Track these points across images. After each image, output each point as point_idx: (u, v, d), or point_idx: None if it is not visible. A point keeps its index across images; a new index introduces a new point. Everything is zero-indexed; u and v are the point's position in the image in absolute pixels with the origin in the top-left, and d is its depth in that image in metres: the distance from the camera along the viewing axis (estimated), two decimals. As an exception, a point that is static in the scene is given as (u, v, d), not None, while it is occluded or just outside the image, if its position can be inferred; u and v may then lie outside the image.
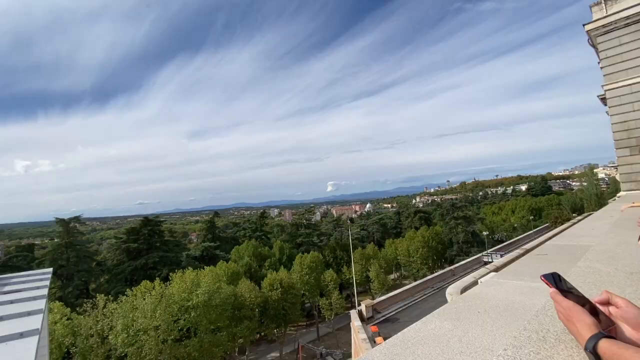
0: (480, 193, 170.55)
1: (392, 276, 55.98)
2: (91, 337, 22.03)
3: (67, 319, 22.73)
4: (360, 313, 22.07)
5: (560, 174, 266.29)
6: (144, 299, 23.55)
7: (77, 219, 41.99)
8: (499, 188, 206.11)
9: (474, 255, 42.24)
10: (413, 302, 26.00)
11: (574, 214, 39.97)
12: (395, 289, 33.89)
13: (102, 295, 25.08)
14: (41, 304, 4.95)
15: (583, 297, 0.98)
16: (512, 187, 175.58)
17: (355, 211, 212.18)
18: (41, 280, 7.29)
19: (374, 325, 20.76)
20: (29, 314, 4.33)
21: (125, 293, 24.90)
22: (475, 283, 6.49)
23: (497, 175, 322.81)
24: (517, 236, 55.43)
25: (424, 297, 27.22)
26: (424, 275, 42.87)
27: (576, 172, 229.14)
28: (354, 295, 36.76)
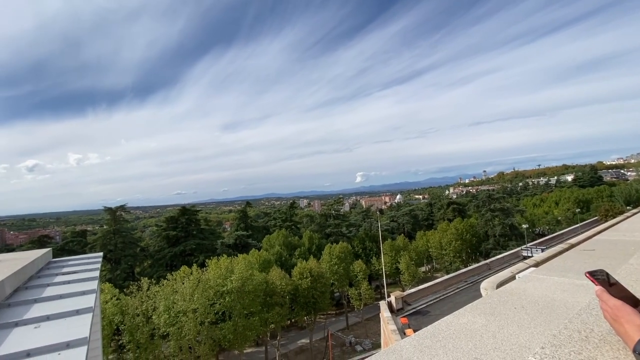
0: (520, 184, 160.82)
1: (423, 269, 54.97)
2: (137, 316, 23.88)
3: (116, 299, 24.77)
4: (389, 304, 21.96)
5: (613, 163, 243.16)
6: (183, 283, 25.15)
7: (122, 207, 45.26)
8: (541, 178, 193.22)
9: (511, 249, 40.20)
10: (445, 296, 25.39)
11: (627, 207, 36.49)
12: (426, 281, 33.26)
13: (146, 278, 27.05)
14: (94, 284, 5.41)
15: (633, 296, 0.90)
16: (556, 178, 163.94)
17: (385, 202, 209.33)
18: (93, 263, 7.97)
19: (403, 317, 20.59)
20: (83, 293, 4.74)
21: (166, 277, 26.70)
22: (512, 278, 6.20)
23: (539, 165, 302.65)
24: (560, 230, 51.87)
25: (457, 290, 26.46)
26: (457, 269, 41.63)
27: (632, 161, 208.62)
28: (383, 287, 36.58)
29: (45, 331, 3.21)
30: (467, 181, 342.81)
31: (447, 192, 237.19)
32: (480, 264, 33.17)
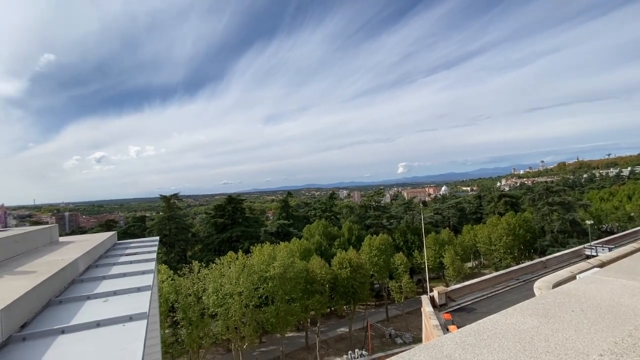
0: (585, 175, 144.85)
1: (469, 264, 52.41)
2: (189, 296, 25.96)
3: (171, 280, 27.10)
4: (432, 299, 21.34)
5: None
6: (230, 268, 26.74)
7: (175, 196, 48.95)
8: (611, 169, 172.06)
9: (572, 247, 36.60)
10: (493, 294, 24.00)
11: None
12: (473, 277, 31.71)
13: (197, 262, 29.18)
14: (152, 265, 5.97)
15: None
16: (629, 169, 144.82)
17: (429, 194, 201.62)
18: (151, 246, 8.77)
19: (447, 312, 19.91)
20: (143, 272, 5.25)
21: (215, 261, 28.54)
22: (572, 278, 5.66)
23: (609, 155, 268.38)
24: (633, 228, 45.99)
25: (507, 289, 24.86)
26: (508, 266, 39.03)
27: None
28: (425, 281, 35.59)
29: (112, 304, 3.62)
30: (521, 172, 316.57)
31: (498, 183, 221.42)
32: (534, 261, 30.72)
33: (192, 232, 47.92)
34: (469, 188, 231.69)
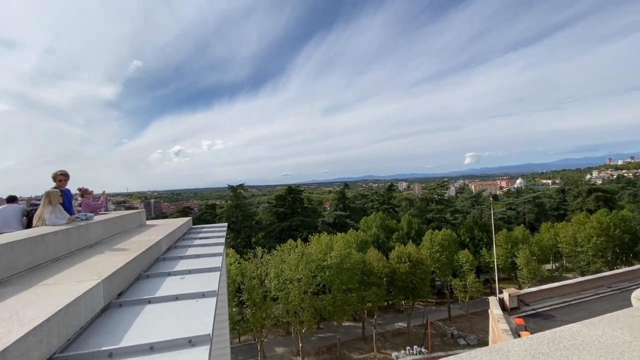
0: None
1: (547, 266, 46.78)
2: (253, 279, 27.92)
3: (238, 263, 29.40)
4: (501, 301, 19.59)
5: None
6: (289, 255, 28.02)
7: (241, 186, 52.59)
8: None
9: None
10: (578, 301, 21.07)
11: None
12: (552, 281, 28.24)
13: (260, 247, 31.15)
14: (221, 248, 6.55)
15: None
16: None
17: (501, 187, 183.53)
18: (220, 231, 9.61)
19: (518, 317, 18.14)
20: (213, 255, 5.79)
21: (276, 248, 30.17)
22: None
23: None
24: None
25: (595, 297, 21.60)
26: (598, 270, 33.93)
27: None
28: (493, 281, 32.78)
29: (188, 282, 4.08)
30: (619, 163, 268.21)
31: (588, 176, 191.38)
32: (633, 267, 26.10)
33: (256, 219, 51.08)
34: (549, 181, 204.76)
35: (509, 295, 20.08)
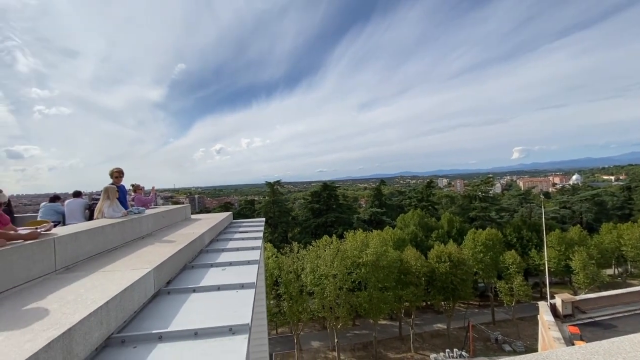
0: None
1: (609, 271, 42.38)
2: (290, 273, 28.54)
3: (275, 257, 30.21)
4: (553, 307, 18.12)
5: None
6: (325, 251, 28.21)
7: (278, 182, 53.82)
8: None
9: None
10: (645, 311, 18.85)
11: None
12: (615, 288, 25.55)
13: (296, 243, 31.73)
14: (259, 242, 6.76)
15: None
16: None
17: (554, 184, 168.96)
18: (259, 226, 9.93)
19: (573, 325, 16.66)
20: (252, 248, 5.99)
21: (311, 243, 30.53)
22: None
23: None
24: None
25: (668, 308, 19.16)
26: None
27: None
28: (544, 285, 30.42)
29: (228, 273, 4.26)
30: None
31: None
32: None
33: (292, 215, 52.06)
34: (612, 177, 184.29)
35: (562, 301, 18.51)
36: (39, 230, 3.31)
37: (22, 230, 3.25)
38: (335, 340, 28.79)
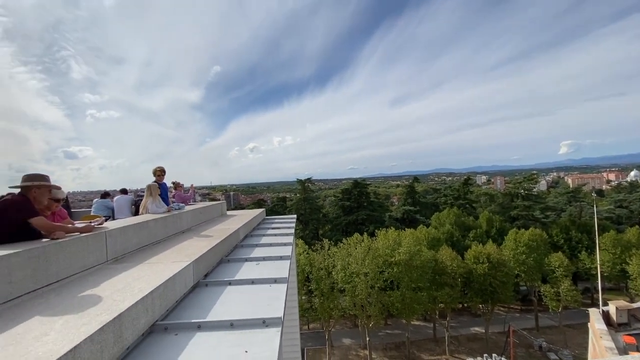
0: None
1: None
2: (321, 269, 28.73)
3: (306, 253, 30.55)
4: (605, 315, 16.63)
5: None
6: (356, 248, 28.05)
7: (309, 180, 54.30)
8: None
9: None
10: None
11: None
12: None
13: (327, 240, 31.84)
14: (291, 238, 6.89)
15: None
16: None
17: (608, 181, 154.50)
18: (290, 222, 10.10)
19: (628, 334, 15.18)
20: (284, 244, 6.11)
21: (342, 241, 30.47)
22: None
23: None
24: None
25: None
26: None
27: None
28: (596, 291, 27.97)
29: (262, 268, 4.38)
30: None
31: None
32: None
33: (323, 212, 52.32)
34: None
35: (617, 308, 16.92)
36: (92, 224, 3.62)
37: (78, 224, 3.58)
38: (367, 339, 28.61)
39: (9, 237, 2.77)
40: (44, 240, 2.89)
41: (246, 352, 2.15)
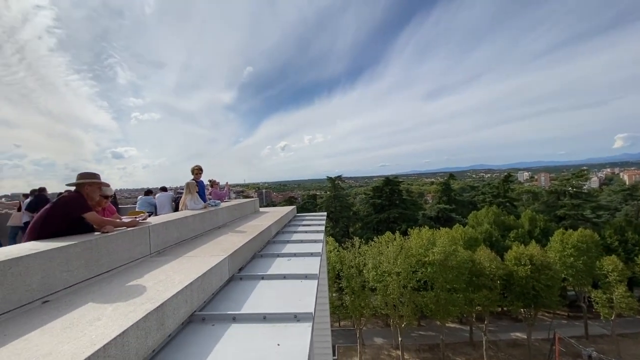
0: None
1: None
2: (351, 267, 28.60)
3: (337, 251, 30.57)
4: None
5: None
6: (388, 247, 27.58)
7: (339, 177, 54.19)
8: None
9: None
10: None
11: None
12: None
13: (357, 238, 31.62)
14: (321, 235, 6.92)
15: None
16: None
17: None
18: (321, 219, 10.15)
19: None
20: (315, 241, 6.15)
21: (373, 239, 30.11)
22: None
23: None
24: None
25: None
26: None
27: None
28: (658, 299, 25.18)
29: (293, 263, 4.44)
30: None
31: None
32: None
33: (353, 210, 51.98)
34: None
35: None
36: (137, 219, 3.89)
37: (125, 219, 3.86)
38: (399, 339, 28.10)
39: (66, 230, 3.05)
40: (96, 233, 3.15)
41: (278, 345, 2.20)
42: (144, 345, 1.92)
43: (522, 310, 29.35)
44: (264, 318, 2.60)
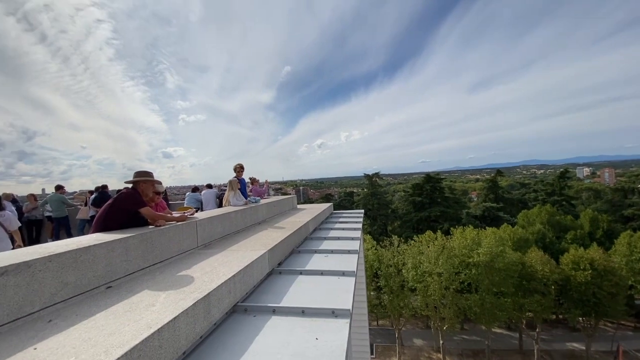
0: None
1: None
2: (390, 266, 28.05)
3: (375, 249, 30.15)
4: None
5: None
6: (428, 247, 26.64)
7: (377, 174, 53.30)
8: None
9: None
10: None
11: None
12: None
13: (396, 236, 30.92)
14: (359, 233, 6.88)
15: None
16: None
17: None
18: (358, 217, 10.08)
19: None
20: (352, 238, 6.14)
21: (413, 238, 29.24)
22: None
23: None
24: None
25: None
26: None
27: None
28: None
29: (330, 260, 4.48)
30: None
31: None
32: None
33: (392, 208, 50.86)
34: None
35: None
36: (186, 214, 4.17)
37: (175, 214, 4.16)
38: (441, 342, 27.08)
39: (124, 224, 3.37)
40: (150, 227, 3.44)
41: (317, 339, 2.24)
42: (193, 331, 2.08)
43: (580, 319, 26.77)
44: (303, 312, 2.66)
